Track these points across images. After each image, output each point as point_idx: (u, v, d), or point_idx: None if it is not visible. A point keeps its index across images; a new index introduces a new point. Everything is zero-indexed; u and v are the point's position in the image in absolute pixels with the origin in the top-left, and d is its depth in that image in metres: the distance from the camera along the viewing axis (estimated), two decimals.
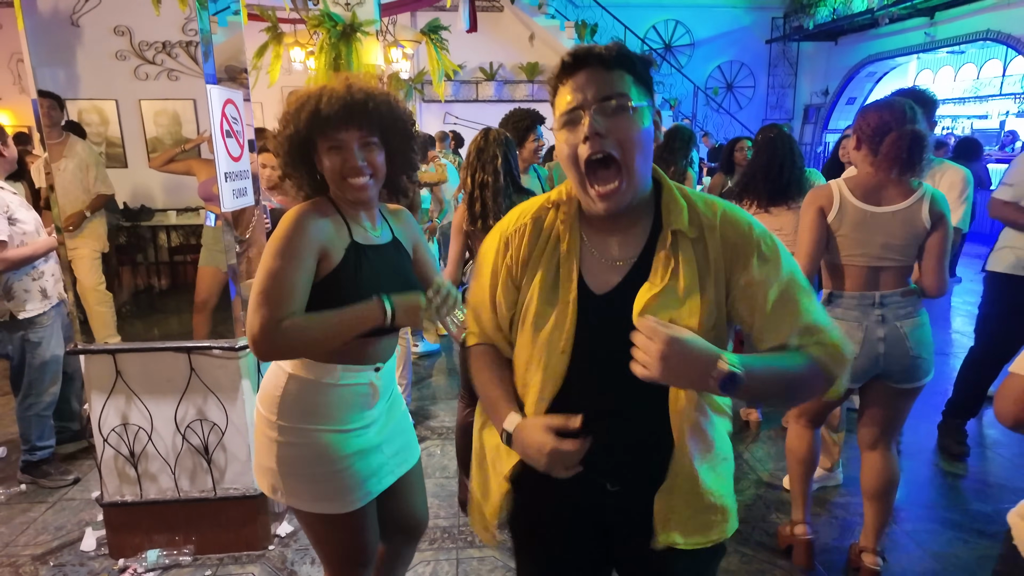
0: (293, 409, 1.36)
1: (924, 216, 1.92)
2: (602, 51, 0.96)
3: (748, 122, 12.70)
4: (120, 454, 2.23)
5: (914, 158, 1.92)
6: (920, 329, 1.99)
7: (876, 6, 9.42)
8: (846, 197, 2.00)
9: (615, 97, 0.94)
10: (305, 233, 1.26)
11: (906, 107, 1.97)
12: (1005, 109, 10.80)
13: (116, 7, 1.96)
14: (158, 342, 2.17)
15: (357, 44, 4.83)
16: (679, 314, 0.98)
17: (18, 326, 2.67)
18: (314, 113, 1.28)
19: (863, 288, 2.01)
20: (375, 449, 1.44)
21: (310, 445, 1.37)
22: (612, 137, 0.94)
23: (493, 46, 11.97)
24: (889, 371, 2.00)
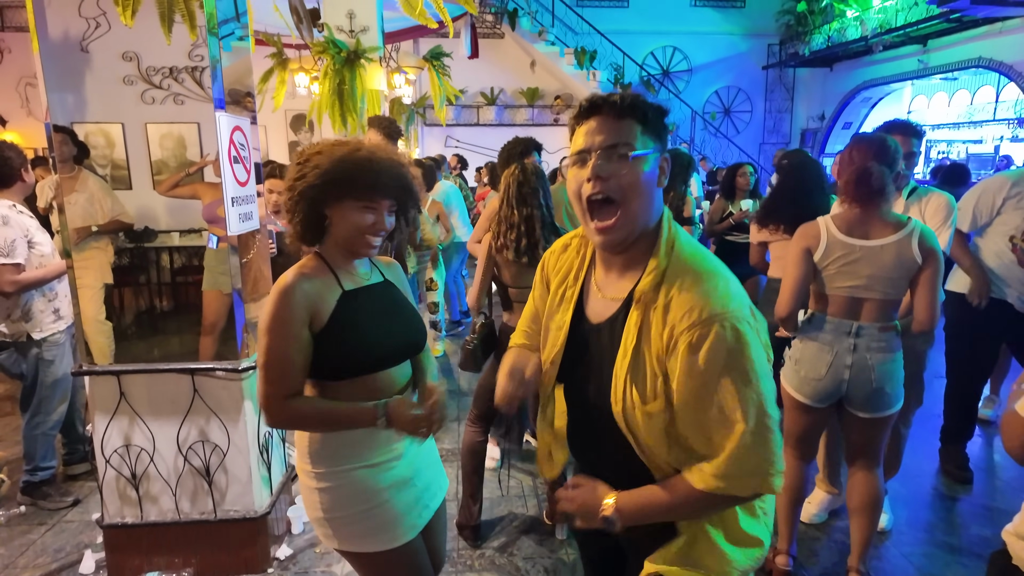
0: (324, 454, 1.41)
1: (914, 250, 1.96)
2: (616, 100, 1.04)
3: (745, 146, 12.86)
4: (122, 475, 2.23)
5: (860, 191, 1.99)
6: (889, 365, 2.04)
7: (870, 34, 9.60)
8: (832, 233, 2.07)
9: (620, 145, 1.02)
10: (291, 306, 1.31)
11: (873, 144, 2.07)
12: (999, 134, 10.94)
13: (125, 34, 2.01)
14: (162, 363, 2.19)
15: (361, 70, 4.92)
16: (646, 390, 1.04)
17: (33, 345, 2.72)
18: (367, 174, 1.34)
19: (842, 315, 2.07)
20: (408, 483, 1.47)
21: (346, 485, 1.41)
22: (614, 181, 1.02)
23: (494, 71, 12.17)
24: (851, 397, 2.08)
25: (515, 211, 2.30)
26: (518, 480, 3.06)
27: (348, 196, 1.36)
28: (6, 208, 2.57)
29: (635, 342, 1.05)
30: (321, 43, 4.88)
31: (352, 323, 1.38)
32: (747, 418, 0.96)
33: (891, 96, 11.74)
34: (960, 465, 3.03)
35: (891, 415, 2.08)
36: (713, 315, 0.96)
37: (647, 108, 1.05)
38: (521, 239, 2.29)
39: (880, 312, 2.03)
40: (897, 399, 2.06)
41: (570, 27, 11.95)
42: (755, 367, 0.97)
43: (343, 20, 5.19)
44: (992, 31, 8.30)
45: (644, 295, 1.04)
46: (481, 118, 12.49)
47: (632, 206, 1.03)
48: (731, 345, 0.96)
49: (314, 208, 1.36)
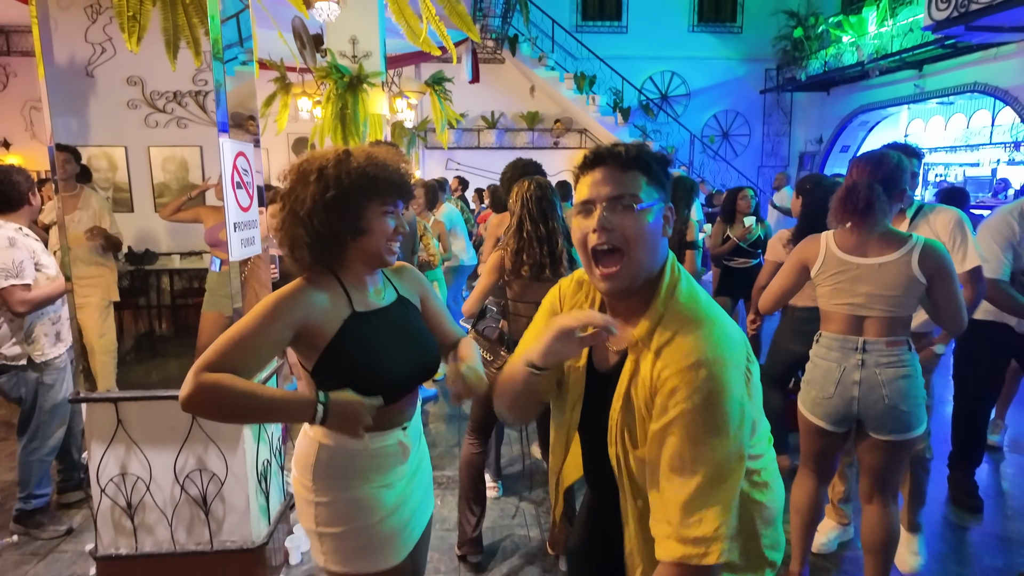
0: (327, 474, 1.38)
1: (915, 269, 1.93)
2: (620, 152, 1.06)
3: (744, 169, 12.96)
4: (117, 505, 2.18)
5: (857, 208, 1.98)
6: (902, 381, 1.96)
7: (866, 59, 9.73)
8: (831, 249, 2.07)
9: (626, 196, 1.04)
10: (288, 305, 1.26)
11: (870, 161, 2.08)
12: (996, 157, 11.02)
13: (130, 59, 2.02)
14: (160, 390, 2.16)
15: (363, 94, 4.96)
16: (636, 434, 1.05)
17: (35, 369, 2.70)
18: (383, 180, 1.30)
19: (846, 332, 2.04)
20: (402, 505, 1.45)
21: (346, 501, 1.38)
22: (619, 231, 1.04)
23: (494, 96, 12.31)
24: (865, 417, 2.02)
25: (540, 226, 2.29)
26: (521, 508, 3.01)
27: (371, 202, 1.30)
28: (13, 231, 2.59)
29: (626, 387, 1.06)
30: (324, 68, 4.93)
31: (358, 348, 1.32)
32: (705, 470, 0.93)
33: (888, 120, 11.85)
34: (969, 493, 2.97)
35: (911, 439, 1.99)
36: (700, 361, 0.96)
37: (651, 159, 1.07)
38: (547, 255, 2.29)
39: (885, 328, 1.99)
40: (917, 420, 1.98)
41: (570, 52, 12.11)
42: (729, 419, 0.95)
43: (346, 46, 5.25)
44: (987, 56, 8.41)
45: (640, 340, 1.05)
46: (482, 141, 12.60)
47: (636, 256, 1.04)
48: (709, 392, 0.94)
49: (339, 218, 1.28)
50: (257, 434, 2.28)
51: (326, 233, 1.28)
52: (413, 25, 2.16)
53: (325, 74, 4.92)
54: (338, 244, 1.31)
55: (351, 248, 1.33)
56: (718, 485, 0.94)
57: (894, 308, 1.97)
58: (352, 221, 1.29)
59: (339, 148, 1.33)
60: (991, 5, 6.02)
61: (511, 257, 2.34)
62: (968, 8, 6.25)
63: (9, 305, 2.52)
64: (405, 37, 2.30)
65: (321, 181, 1.27)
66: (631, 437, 1.05)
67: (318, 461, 1.37)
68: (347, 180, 1.27)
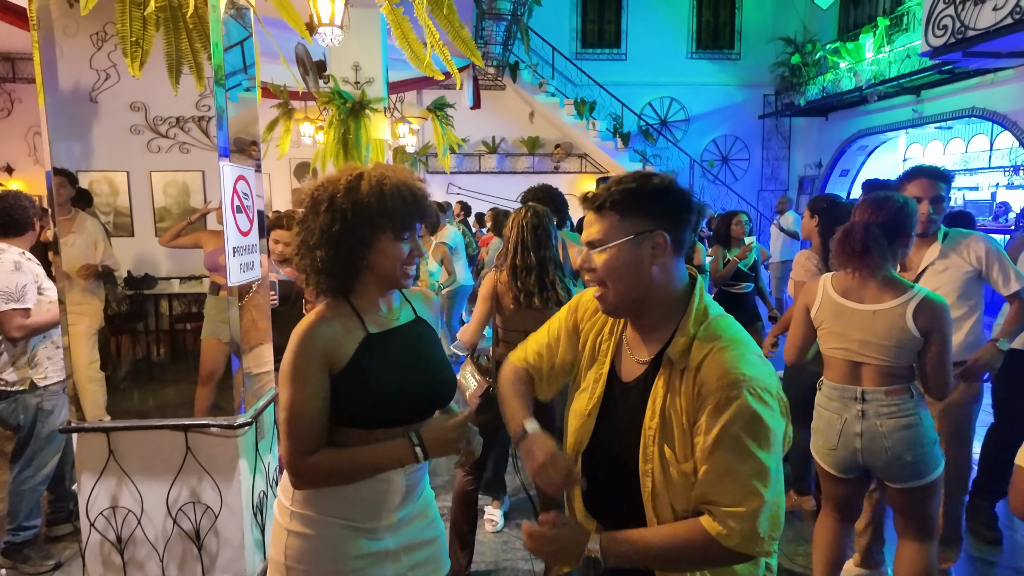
0: (308, 497, 1.30)
1: (908, 321, 1.86)
2: (600, 197, 1.14)
3: (744, 193, 13.00)
4: (107, 539, 2.11)
5: (853, 252, 1.92)
6: (905, 431, 1.89)
7: (864, 84, 9.81)
8: (827, 292, 2.04)
9: (595, 242, 1.15)
10: (307, 353, 1.25)
11: (872, 204, 2.00)
12: (995, 181, 11.05)
13: (134, 85, 2.02)
14: (155, 419, 2.10)
15: (366, 120, 4.98)
16: (678, 449, 1.10)
17: (35, 394, 2.67)
18: (396, 209, 1.26)
19: (844, 381, 1.99)
20: (391, 556, 1.34)
21: (319, 537, 1.29)
22: (599, 270, 1.15)
23: (495, 121, 12.41)
24: (872, 467, 1.97)
25: (531, 255, 2.31)
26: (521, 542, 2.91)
27: (387, 227, 1.27)
28: (17, 255, 2.60)
29: (663, 403, 1.11)
30: (327, 94, 4.96)
31: (370, 370, 1.28)
32: (765, 480, 1.02)
33: (887, 144, 11.91)
34: (989, 525, 2.88)
35: (927, 484, 1.91)
36: (741, 379, 1.03)
37: (628, 197, 1.12)
38: (535, 284, 2.29)
39: (883, 377, 1.92)
40: (928, 466, 1.90)
41: (569, 79, 12.24)
42: (772, 435, 1.04)
43: (349, 72, 5.29)
44: (984, 82, 8.48)
45: (674, 358, 1.11)
46: (483, 166, 12.67)
47: (613, 286, 1.14)
48: (754, 410, 1.02)
49: (347, 251, 1.27)
50: (253, 465, 2.21)
51: (338, 261, 1.27)
52: (417, 50, 2.15)
53: (328, 100, 4.94)
54: (351, 270, 1.30)
55: (365, 273, 1.32)
56: (774, 494, 1.03)
57: (888, 357, 1.91)
58: (363, 251, 1.28)
59: (352, 172, 1.29)
60: (988, 31, 6.08)
61: (503, 283, 2.36)
62: (965, 34, 6.31)
63: (6, 330, 2.50)
64: (407, 63, 2.30)
65: (331, 212, 1.26)
66: (672, 451, 1.10)
67: None
68: (354, 213, 1.25)
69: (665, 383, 1.11)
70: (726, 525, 1.02)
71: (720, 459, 1.03)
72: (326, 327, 1.28)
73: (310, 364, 1.24)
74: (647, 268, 1.13)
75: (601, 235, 1.14)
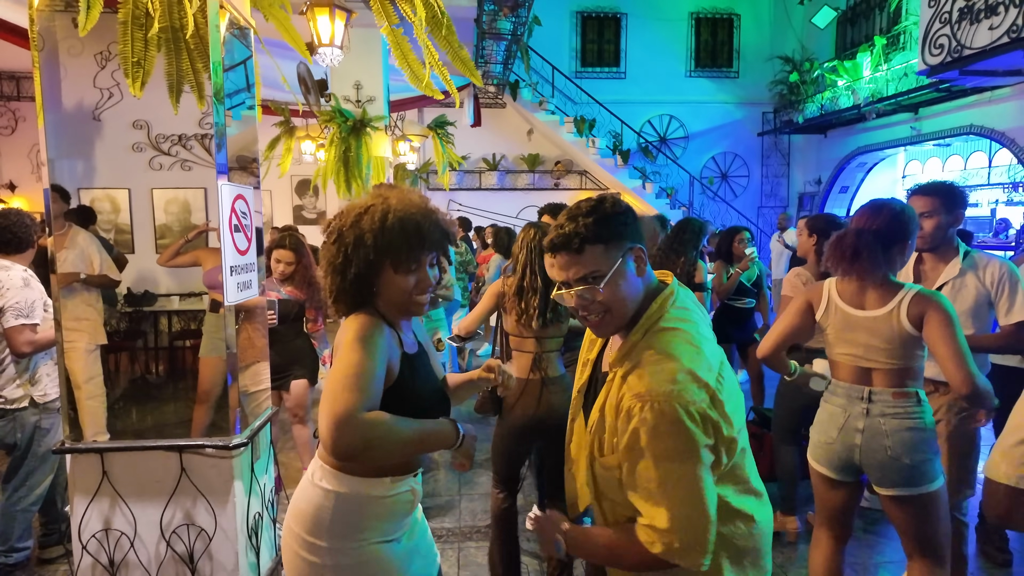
0: (339, 528, 1.30)
1: (904, 321, 1.86)
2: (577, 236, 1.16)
3: (744, 210, 13.04)
4: (99, 563, 2.07)
5: (843, 258, 1.92)
6: (907, 433, 1.87)
7: (862, 102, 9.88)
8: (833, 298, 2.03)
9: (589, 276, 1.17)
10: (378, 337, 1.27)
11: (871, 211, 1.99)
12: (995, 197, 11.08)
13: (137, 103, 2.02)
14: (149, 440, 2.07)
15: (367, 138, 5.01)
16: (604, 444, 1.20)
17: (33, 412, 2.66)
18: (405, 235, 1.29)
19: (853, 381, 1.99)
20: (413, 552, 1.43)
21: (362, 564, 1.32)
22: (596, 303, 1.19)
23: (496, 139, 12.50)
24: (866, 467, 1.94)
25: (538, 278, 2.32)
26: (524, 563, 2.87)
27: (386, 266, 1.31)
28: (23, 270, 2.63)
29: (603, 400, 1.20)
30: (328, 112, 4.99)
31: (413, 387, 1.34)
32: (672, 491, 1.07)
33: (886, 161, 11.97)
34: (999, 546, 2.83)
35: (922, 495, 1.87)
36: (651, 392, 1.08)
37: (602, 228, 1.16)
38: (536, 307, 2.30)
39: (892, 379, 1.92)
40: (924, 476, 1.86)
41: (569, 97, 12.34)
42: (682, 448, 1.07)
43: (350, 90, 5.33)
44: (982, 100, 8.53)
45: (614, 362, 1.20)
46: (483, 183, 12.73)
47: (617, 310, 1.20)
48: (654, 424, 1.07)
49: (353, 282, 1.32)
50: (248, 486, 2.18)
51: (345, 290, 1.33)
52: (416, 70, 2.16)
53: (329, 118, 4.97)
54: (365, 297, 1.35)
55: (378, 300, 1.37)
56: (684, 507, 1.08)
57: (896, 360, 1.90)
58: (370, 281, 1.33)
59: (364, 205, 1.33)
60: (984, 50, 6.12)
61: (511, 297, 2.38)
62: (961, 53, 6.36)
63: (15, 345, 2.51)
64: (408, 81, 2.31)
65: (337, 244, 1.31)
66: (598, 445, 1.21)
67: (335, 513, 1.30)
68: (355, 247, 1.29)
69: (609, 385, 1.20)
70: (647, 534, 1.10)
71: (629, 468, 1.12)
72: (385, 330, 1.31)
73: (379, 345, 1.25)
74: (635, 285, 1.21)
75: (596, 268, 1.17)
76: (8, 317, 2.50)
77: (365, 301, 1.35)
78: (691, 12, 13.13)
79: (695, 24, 13.17)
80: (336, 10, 3.21)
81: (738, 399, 1.18)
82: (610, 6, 12.98)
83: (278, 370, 3.13)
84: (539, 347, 2.36)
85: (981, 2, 6.13)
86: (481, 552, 2.93)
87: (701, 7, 13.12)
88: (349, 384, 1.17)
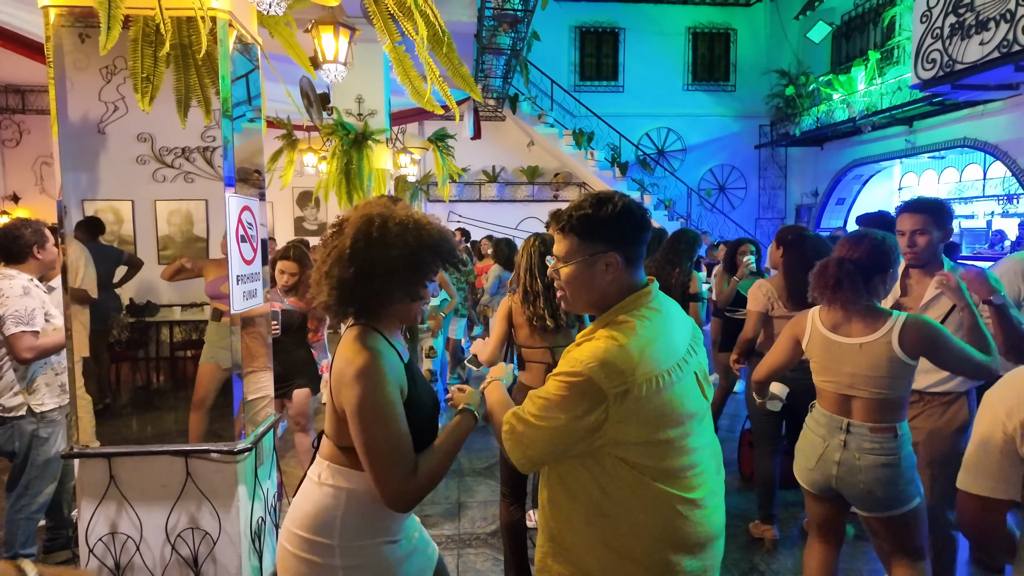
0: (352, 526, 1.35)
1: (896, 349, 1.89)
2: (562, 219, 1.32)
3: (742, 221, 13.13)
4: (105, 566, 2.10)
5: (827, 286, 1.97)
6: (882, 469, 1.91)
7: (857, 116, 9.99)
8: (816, 326, 2.07)
9: (562, 259, 1.34)
10: (386, 385, 1.31)
11: (855, 240, 2.02)
12: (990, 209, 11.17)
13: (141, 117, 2.06)
14: (155, 445, 2.11)
15: (368, 150, 5.09)
16: None
17: (32, 420, 2.68)
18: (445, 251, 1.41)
19: (834, 411, 2.03)
20: (413, 550, 1.47)
21: (373, 565, 1.36)
22: (561, 281, 1.36)
23: (495, 151, 12.61)
24: (845, 495, 2.01)
25: (538, 280, 2.42)
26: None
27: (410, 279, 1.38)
28: (26, 280, 2.66)
29: None
30: (330, 125, 5.07)
31: (418, 394, 1.40)
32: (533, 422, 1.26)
33: (882, 173, 12.08)
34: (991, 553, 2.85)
35: (900, 515, 1.93)
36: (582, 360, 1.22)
37: (586, 222, 1.29)
38: (544, 307, 2.41)
39: (872, 412, 1.94)
40: (899, 501, 1.92)
41: (568, 110, 12.48)
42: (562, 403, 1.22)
43: (352, 104, 5.42)
44: (975, 113, 8.64)
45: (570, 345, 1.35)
46: (483, 195, 12.82)
47: (571, 295, 1.36)
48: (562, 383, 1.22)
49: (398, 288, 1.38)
50: (252, 491, 2.22)
51: (381, 295, 1.37)
52: (418, 86, 2.23)
53: (331, 131, 5.06)
54: (386, 304, 1.40)
55: (395, 309, 1.42)
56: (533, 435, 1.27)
57: (881, 389, 1.93)
58: (411, 288, 1.39)
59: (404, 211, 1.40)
60: (976, 65, 6.22)
61: (517, 306, 2.48)
62: (953, 68, 6.46)
63: (16, 351, 2.55)
64: (408, 95, 2.38)
65: (397, 248, 1.34)
66: None
67: (347, 511, 1.34)
68: (420, 254, 1.36)
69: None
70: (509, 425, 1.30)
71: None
72: (386, 357, 1.33)
73: (391, 394, 1.31)
74: (600, 283, 1.31)
75: (564, 253, 1.33)
76: (8, 325, 2.54)
77: (367, 311, 1.39)
78: (688, 27, 13.31)
79: (692, 38, 13.35)
80: (340, 28, 3.29)
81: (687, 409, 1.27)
82: (608, 21, 13.15)
83: (281, 379, 3.17)
84: (551, 357, 2.43)
85: (972, 18, 6.24)
86: (480, 558, 2.96)
87: (698, 22, 13.30)
88: (391, 460, 1.27)
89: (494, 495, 3.59)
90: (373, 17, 2.12)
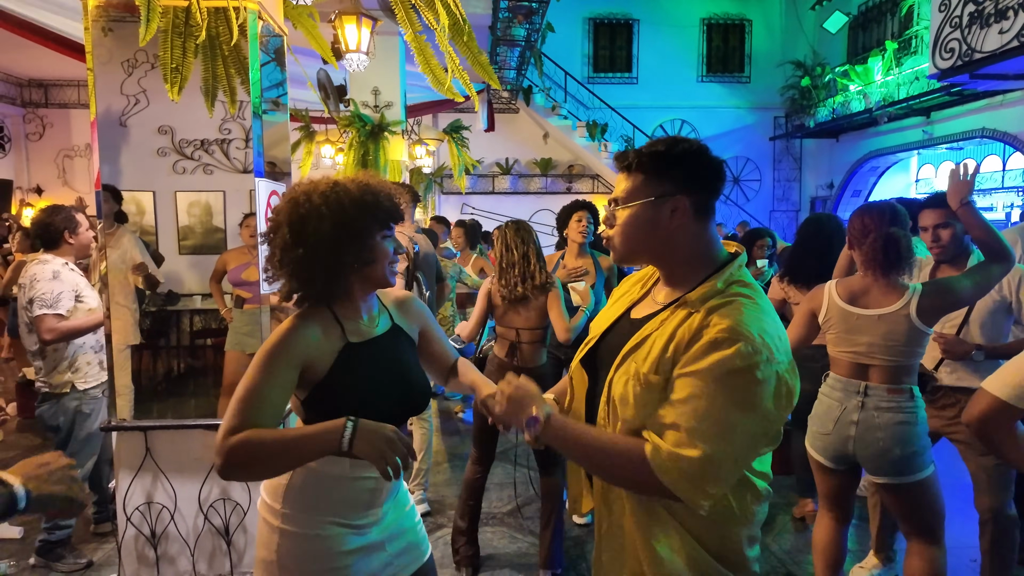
0: (299, 498, 1.32)
1: (915, 319, 1.97)
2: (628, 156, 1.20)
3: (756, 213, 13.06)
4: (142, 534, 2.22)
5: (891, 259, 2.02)
6: (899, 427, 1.98)
7: (873, 107, 9.90)
8: (833, 299, 2.13)
9: (622, 200, 1.20)
10: (287, 345, 1.27)
11: (886, 210, 2.10)
12: (1009, 201, 11.04)
13: (162, 110, 2.15)
14: (190, 419, 2.22)
15: (384, 142, 5.17)
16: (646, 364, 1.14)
17: (75, 397, 2.79)
18: (384, 209, 1.33)
19: (850, 376, 2.09)
20: (379, 547, 1.39)
21: (313, 538, 1.32)
22: (618, 224, 1.21)
23: (509, 144, 12.64)
24: (860, 457, 2.05)
25: (513, 252, 2.64)
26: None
27: (375, 230, 1.32)
28: (60, 265, 2.75)
29: (653, 328, 1.16)
30: (347, 117, 5.15)
31: (350, 380, 1.32)
32: (719, 434, 1.02)
33: (898, 165, 11.96)
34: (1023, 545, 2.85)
35: (913, 483, 1.99)
36: (746, 334, 1.04)
37: (650, 160, 1.17)
38: (518, 275, 2.61)
39: (888, 376, 2.03)
40: (912, 466, 1.98)
41: (582, 102, 12.46)
42: (750, 398, 1.03)
43: (368, 96, 5.49)
44: (993, 103, 8.54)
45: (691, 300, 1.14)
46: (496, 187, 12.88)
47: (623, 240, 1.21)
48: (742, 366, 1.02)
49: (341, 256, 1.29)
50: None
51: (334, 265, 1.30)
52: (439, 75, 2.29)
53: (348, 123, 5.14)
54: (344, 274, 1.33)
55: (354, 277, 1.34)
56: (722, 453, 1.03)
57: (896, 357, 2.01)
58: (360, 252, 1.31)
59: (328, 180, 1.34)
60: (994, 54, 6.17)
61: (494, 285, 2.69)
62: (972, 57, 6.40)
63: (38, 332, 2.65)
64: (428, 87, 2.45)
65: (325, 218, 1.27)
66: (639, 365, 1.13)
67: (291, 483, 1.32)
68: (349, 214, 1.29)
69: (667, 316, 1.15)
70: (666, 457, 1.04)
71: (687, 393, 1.05)
72: (311, 330, 1.30)
73: (284, 358, 1.26)
74: (664, 230, 1.16)
75: (625, 194, 1.19)
76: (35, 307, 2.63)
77: (336, 282, 1.33)
78: (702, 18, 13.23)
79: (706, 30, 13.27)
80: (363, 18, 3.37)
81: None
82: (622, 13, 13.11)
83: None
84: (518, 337, 2.65)
85: (991, 6, 6.18)
86: (497, 536, 3.05)
87: (712, 13, 13.22)
88: (232, 409, 1.21)
89: (509, 477, 3.67)
90: (395, 7, 2.19)
